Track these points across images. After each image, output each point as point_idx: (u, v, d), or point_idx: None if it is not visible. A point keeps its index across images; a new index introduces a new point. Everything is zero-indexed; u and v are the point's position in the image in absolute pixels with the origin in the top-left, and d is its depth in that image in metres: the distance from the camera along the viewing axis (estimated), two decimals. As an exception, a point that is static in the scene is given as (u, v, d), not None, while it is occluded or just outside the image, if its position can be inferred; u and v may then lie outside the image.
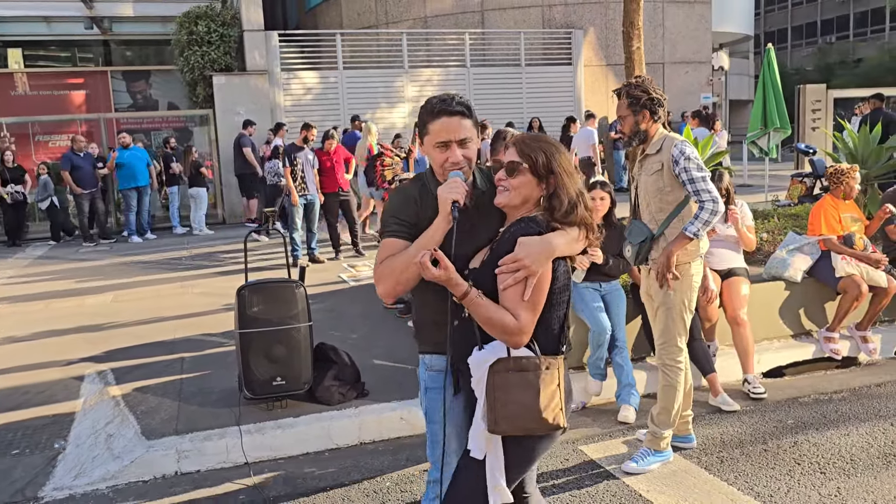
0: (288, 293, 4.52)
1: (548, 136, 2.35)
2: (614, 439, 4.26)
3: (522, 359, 2.14)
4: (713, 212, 3.60)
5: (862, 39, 51.36)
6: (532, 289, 2.13)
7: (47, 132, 15.85)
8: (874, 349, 5.58)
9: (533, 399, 2.10)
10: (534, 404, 2.10)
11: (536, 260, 2.13)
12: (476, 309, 2.14)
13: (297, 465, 4.10)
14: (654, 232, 3.76)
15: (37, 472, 4.03)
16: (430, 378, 2.45)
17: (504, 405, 2.11)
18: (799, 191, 10.89)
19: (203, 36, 14.34)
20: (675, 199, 3.72)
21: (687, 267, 3.73)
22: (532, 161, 2.21)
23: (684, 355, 3.84)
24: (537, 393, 2.10)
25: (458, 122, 2.32)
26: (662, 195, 3.74)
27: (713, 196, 3.60)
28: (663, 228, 3.74)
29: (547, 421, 2.11)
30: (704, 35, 17.92)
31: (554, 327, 2.23)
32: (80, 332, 6.62)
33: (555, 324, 2.24)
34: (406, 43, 15.40)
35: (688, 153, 3.64)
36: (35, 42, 18.15)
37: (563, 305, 2.26)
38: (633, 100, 3.71)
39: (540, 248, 2.14)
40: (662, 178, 3.71)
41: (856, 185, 5.68)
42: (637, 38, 7.05)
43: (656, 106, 3.72)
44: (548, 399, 2.11)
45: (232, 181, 13.87)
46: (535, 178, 2.21)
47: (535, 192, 2.23)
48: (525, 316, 2.13)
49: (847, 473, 3.74)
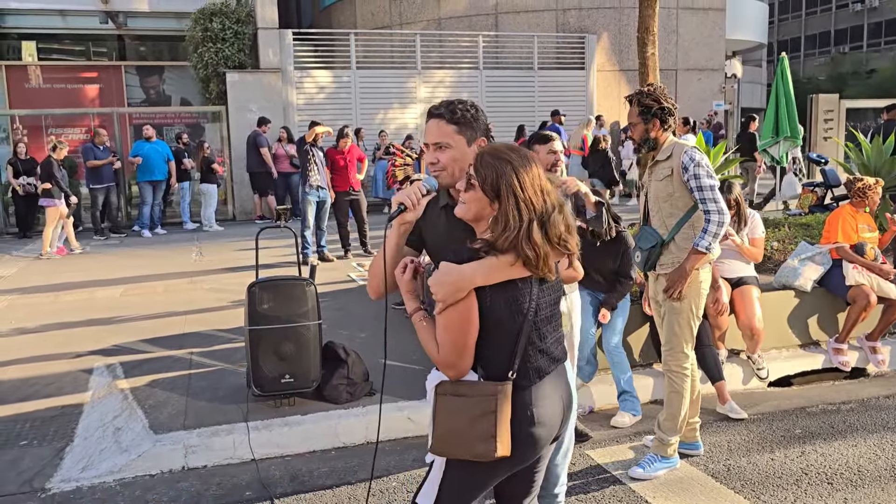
0: (298, 291, 4.53)
1: (518, 149, 2.13)
2: (621, 445, 4.26)
3: (462, 384, 2.07)
4: (720, 223, 3.60)
5: (875, 50, 51.14)
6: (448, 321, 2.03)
7: (60, 125, 15.97)
8: (883, 360, 5.55)
9: (465, 425, 2.02)
10: (465, 430, 2.02)
11: (445, 291, 2.01)
12: (417, 331, 2.13)
13: (304, 462, 4.11)
14: (665, 237, 3.76)
15: (45, 464, 4.05)
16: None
17: (439, 427, 2.07)
18: (810, 200, 10.84)
19: (217, 33, 14.40)
20: (684, 204, 3.72)
21: (696, 273, 3.72)
22: (482, 178, 2.06)
23: (691, 362, 3.84)
24: (470, 420, 2.02)
25: (435, 124, 2.30)
26: (672, 200, 3.74)
27: (719, 207, 3.59)
28: (673, 234, 3.74)
29: (474, 449, 2.02)
30: (718, 42, 17.88)
31: (501, 355, 2.08)
32: (89, 325, 6.66)
33: (502, 352, 2.08)
34: (419, 44, 15.42)
35: (697, 160, 3.64)
36: (49, 35, 18.28)
37: (513, 335, 2.06)
38: (644, 108, 3.72)
39: (449, 278, 2.02)
40: (672, 183, 3.72)
41: (878, 199, 5.69)
42: (652, 43, 7.05)
43: (667, 115, 3.73)
44: (483, 427, 2.01)
45: (244, 178, 13.92)
46: (485, 196, 2.06)
47: (486, 210, 2.07)
48: (444, 349, 2.05)
49: (854, 485, 3.73)
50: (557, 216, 2.07)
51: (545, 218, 2.05)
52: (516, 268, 2.04)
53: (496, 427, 2.00)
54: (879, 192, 5.70)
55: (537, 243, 2.02)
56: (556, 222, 2.06)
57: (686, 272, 3.66)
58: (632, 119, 3.81)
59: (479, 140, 2.32)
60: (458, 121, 2.29)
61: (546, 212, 2.05)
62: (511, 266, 2.03)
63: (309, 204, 9.34)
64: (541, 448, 2.14)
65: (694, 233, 3.71)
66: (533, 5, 16.84)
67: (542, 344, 2.13)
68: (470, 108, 2.33)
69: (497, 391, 2.03)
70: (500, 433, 2.01)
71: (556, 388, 2.19)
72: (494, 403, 2.01)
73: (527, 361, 2.10)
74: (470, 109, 2.32)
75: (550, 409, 2.14)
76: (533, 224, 2.02)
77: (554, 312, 2.20)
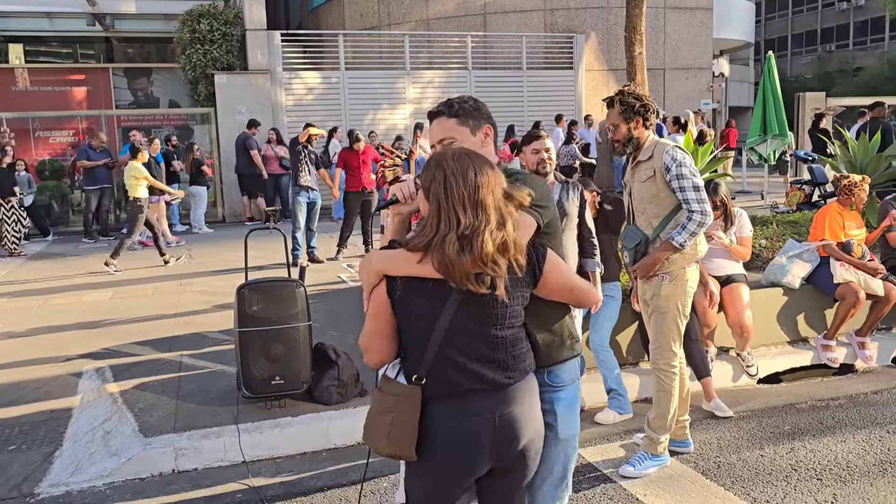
0: (288, 292, 4.52)
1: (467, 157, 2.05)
2: (612, 443, 4.27)
3: (384, 379, 2.13)
4: (700, 223, 3.61)
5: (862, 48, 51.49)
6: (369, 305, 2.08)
7: (48, 128, 15.85)
8: (871, 356, 5.60)
9: (374, 418, 2.11)
10: (372, 422, 2.11)
11: (362, 274, 2.09)
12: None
13: (295, 464, 4.10)
14: (650, 236, 3.78)
15: (34, 469, 4.02)
16: None
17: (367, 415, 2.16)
18: (798, 198, 10.92)
19: (205, 34, 14.35)
20: (669, 204, 3.72)
21: (682, 272, 3.74)
22: (422, 179, 2.06)
23: (679, 360, 3.85)
24: (378, 413, 2.09)
25: (437, 123, 2.34)
26: (657, 201, 3.75)
27: (703, 208, 3.61)
28: (658, 232, 3.75)
29: (375, 442, 2.09)
30: (705, 41, 17.96)
31: (415, 356, 2.06)
32: (78, 329, 6.62)
33: (413, 348, 2.07)
34: (408, 45, 15.42)
35: (679, 159, 3.64)
36: (36, 38, 18.16)
37: (424, 338, 2.03)
38: (626, 107, 3.72)
39: (363, 262, 2.10)
40: (655, 184, 3.72)
41: (865, 196, 5.72)
42: (639, 43, 7.08)
43: (648, 113, 3.75)
44: (382, 423, 2.06)
45: (233, 180, 13.88)
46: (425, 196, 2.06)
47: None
48: (362, 332, 2.10)
49: (843, 480, 3.76)
50: (489, 235, 1.96)
51: (469, 233, 1.95)
52: (425, 266, 1.99)
53: (391, 426, 2.04)
54: (866, 190, 5.74)
55: (449, 256, 1.94)
56: (485, 240, 1.95)
57: (656, 260, 3.68)
58: (613, 120, 3.80)
59: (485, 128, 2.33)
60: (457, 113, 2.32)
61: (473, 227, 1.96)
62: (418, 263, 2.00)
63: (299, 205, 9.32)
64: (457, 466, 2.05)
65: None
66: (521, 5, 16.87)
67: (460, 358, 2.03)
68: (468, 100, 2.36)
69: (399, 393, 2.05)
70: (394, 433, 2.03)
71: (481, 411, 2.04)
72: (395, 404, 2.05)
73: (441, 372, 2.04)
74: (468, 101, 2.35)
75: (460, 429, 2.03)
76: (449, 236, 1.95)
77: (486, 331, 2.06)
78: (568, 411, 2.33)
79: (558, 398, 2.30)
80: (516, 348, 2.12)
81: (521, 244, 2.05)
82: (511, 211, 2.04)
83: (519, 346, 2.13)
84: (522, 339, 2.16)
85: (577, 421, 2.38)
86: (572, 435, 2.36)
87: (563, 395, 2.31)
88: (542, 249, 2.18)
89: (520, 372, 2.11)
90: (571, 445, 2.38)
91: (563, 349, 2.32)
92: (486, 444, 2.05)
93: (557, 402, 2.30)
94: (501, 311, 2.07)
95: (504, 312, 2.07)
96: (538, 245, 2.19)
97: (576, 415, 2.37)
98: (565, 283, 2.22)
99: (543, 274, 2.15)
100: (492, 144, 2.37)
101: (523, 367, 2.13)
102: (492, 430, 2.05)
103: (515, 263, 2.04)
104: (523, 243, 2.07)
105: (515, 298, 2.10)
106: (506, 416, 2.06)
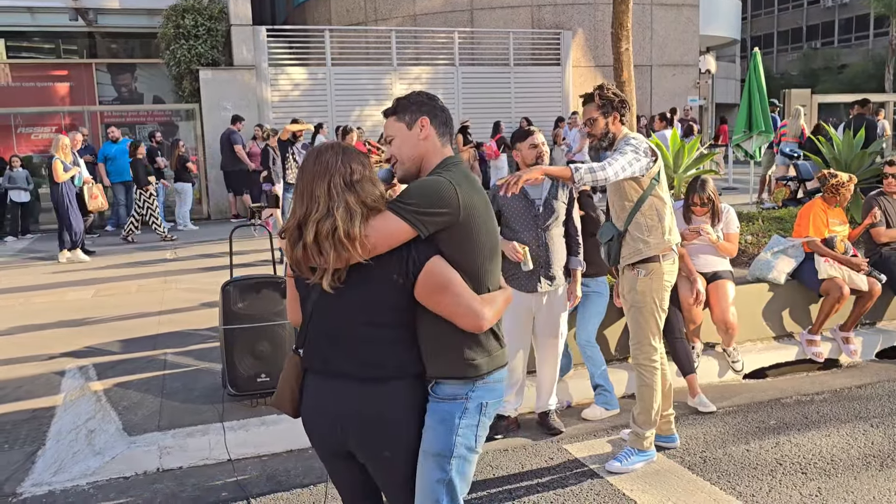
0: (273, 290, 4.49)
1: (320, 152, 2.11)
2: (599, 438, 4.27)
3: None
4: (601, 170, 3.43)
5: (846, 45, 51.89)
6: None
7: (30, 124, 15.69)
8: (855, 350, 5.63)
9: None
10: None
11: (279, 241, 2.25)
12: None
13: (281, 462, 4.08)
14: (620, 229, 3.79)
15: (16, 468, 3.98)
16: None
17: None
18: (783, 194, 10.98)
19: (190, 29, 14.22)
20: (632, 195, 3.73)
21: (657, 266, 3.74)
22: None
23: (659, 355, 3.86)
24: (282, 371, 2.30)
25: (386, 123, 2.34)
26: (620, 192, 3.77)
27: (615, 168, 3.46)
28: (626, 225, 3.76)
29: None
30: (692, 38, 18.03)
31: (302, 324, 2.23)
32: (60, 327, 6.55)
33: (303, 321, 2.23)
34: (395, 40, 15.37)
35: (632, 141, 3.63)
36: (18, 33, 17.95)
37: (304, 307, 2.21)
38: (605, 101, 3.74)
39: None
40: None
41: (850, 195, 5.75)
42: (626, 39, 7.07)
43: (625, 109, 3.78)
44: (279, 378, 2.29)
45: (218, 176, 13.78)
46: None
47: None
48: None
49: (828, 474, 3.78)
50: (313, 224, 2.01)
51: (301, 223, 2.05)
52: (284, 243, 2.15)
53: (280, 381, 2.27)
54: (852, 189, 5.77)
55: (287, 248, 2.08)
56: (308, 229, 2.02)
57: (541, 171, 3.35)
58: (591, 114, 3.79)
59: (421, 120, 2.24)
60: (396, 110, 2.30)
61: (304, 217, 2.04)
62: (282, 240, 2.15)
63: (287, 201, 9.30)
64: (316, 435, 2.21)
65: (645, 221, 3.71)
66: (508, 1, 16.86)
67: (321, 340, 2.16)
68: (410, 95, 2.31)
69: (289, 357, 2.27)
70: (279, 388, 2.27)
71: (326, 394, 2.14)
72: (285, 366, 2.26)
73: (310, 347, 2.20)
74: (410, 97, 2.30)
75: (312, 405, 2.20)
76: (290, 227, 2.08)
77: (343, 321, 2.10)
78: (439, 426, 2.14)
79: (432, 410, 2.16)
80: (370, 347, 2.10)
81: (356, 234, 1.99)
82: (350, 201, 2.02)
83: (374, 346, 2.10)
84: (384, 341, 2.11)
85: (447, 440, 2.15)
86: (437, 452, 2.14)
87: (437, 409, 2.15)
88: (421, 254, 2.07)
89: (368, 371, 2.10)
90: (438, 464, 2.15)
91: (450, 367, 2.15)
92: (325, 427, 2.18)
93: (431, 413, 2.16)
94: (356, 307, 2.09)
95: (359, 308, 2.09)
96: (418, 249, 2.07)
97: (449, 434, 2.15)
98: (443, 297, 2.08)
99: (417, 281, 2.07)
100: (433, 135, 2.26)
101: (374, 369, 2.10)
102: (330, 417, 2.15)
103: (351, 253, 1.99)
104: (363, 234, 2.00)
105: (371, 297, 2.07)
106: (346, 408, 2.12)
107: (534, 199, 4.14)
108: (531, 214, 4.12)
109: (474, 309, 2.10)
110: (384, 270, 2.06)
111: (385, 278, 2.07)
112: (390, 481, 2.23)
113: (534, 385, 4.49)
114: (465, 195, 2.12)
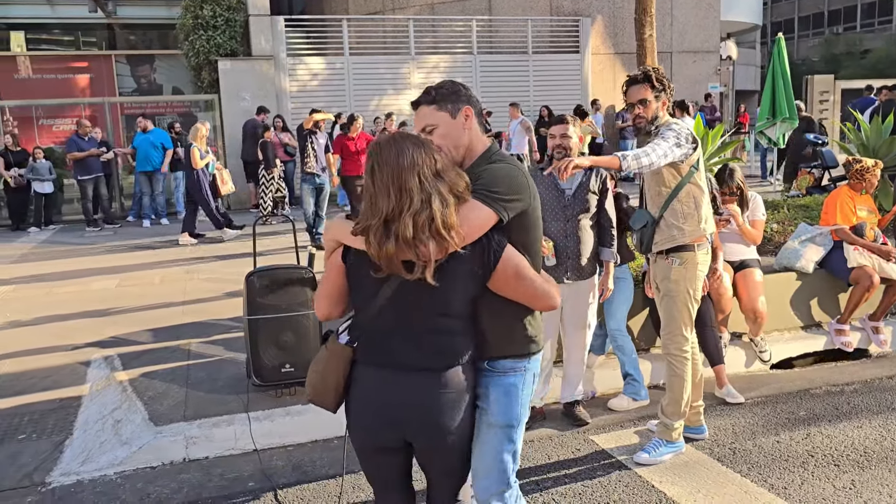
0: (297, 279, 4.48)
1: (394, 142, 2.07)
2: (626, 429, 4.23)
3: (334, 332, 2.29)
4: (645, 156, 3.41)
5: (869, 30, 51.06)
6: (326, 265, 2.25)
7: (51, 116, 15.81)
8: (885, 340, 5.54)
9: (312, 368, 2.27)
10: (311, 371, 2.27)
11: (325, 237, 2.26)
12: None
13: (307, 452, 4.07)
14: (655, 215, 3.72)
15: (44, 458, 4.01)
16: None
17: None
18: (807, 181, 10.81)
19: (209, 20, 14.23)
20: (670, 181, 3.66)
21: (692, 255, 3.68)
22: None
23: (690, 345, 3.81)
24: (315, 363, 2.26)
25: (418, 113, 2.32)
26: (658, 178, 3.70)
27: (657, 154, 3.43)
28: (662, 211, 3.70)
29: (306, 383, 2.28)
30: (713, 24, 17.78)
31: (356, 316, 2.22)
32: (84, 317, 6.60)
33: (357, 313, 2.22)
34: (413, 29, 15.30)
35: (673, 126, 3.58)
36: (38, 25, 18.07)
37: (364, 301, 2.15)
38: (659, 84, 3.66)
39: (328, 226, 2.29)
40: None
41: (876, 181, 5.64)
42: (649, 25, 6.98)
43: (671, 93, 3.73)
44: (311, 370, 2.26)
45: (238, 166, 13.80)
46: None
47: None
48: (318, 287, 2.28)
49: (861, 466, 3.71)
50: (410, 218, 1.98)
51: (391, 218, 2.00)
52: (358, 239, 2.08)
53: (318, 374, 2.22)
54: (878, 175, 5.65)
55: (375, 246, 2.01)
56: (405, 224, 1.97)
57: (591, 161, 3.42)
58: (644, 95, 3.66)
59: (465, 109, 2.27)
60: (434, 99, 2.28)
61: (395, 212, 1.99)
62: (355, 236, 2.10)
63: (305, 191, 9.29)
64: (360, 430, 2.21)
65: (682, 208, 3.65)
66: (526, -11, 16.72)
67: (388, 334, 2.13)
68: (445, 85, 2.32)
69: (332, 349, 2.21)
70: (317, 382, 2.22)
71: (386, 387, 2.14)
72: (327, 358, 2.21)
73: (371, 340, 2.17)
74: (445, 85, 2.31)
75: (364, 399, 2.18)
76: (375, 224, 2.01)
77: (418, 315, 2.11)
78: (504, 398, 2.25)
79: (495, 384, 2.25)
80: (443, 337, 2.13)
81: (453, 223, 2.00)
82: (442, 191, 2.02)
83: (447, 336, 2.13)
84: (456, 331, 2.14)
85: (513, 411, 2.27)
86: (506, 423, 2.25)
87: (501, 382, 2.25)
88: (499, 244, 2.12)
89: (440, 361, 2.13)
90: (507, 435, 2.27)
91: (514, 346, 2.26)
92: (381, 419, 2.17)
93: (494, 387, 2.25)
94: (438, 300, 2.09)
95: (440, 301, 2.09)
96: (496, 239, 2.12)
97: (513, 405, 2.26)
98: (521, 283, 2.15)
99: (496, 270, 2.11)
100: (474, 125, 2.30)
101: (445, 358, 2.14)
102: (390, 409, 2.15)
103: (450, 243, 1.99)
104: (458, 223, 2.01)
105: (454, 288, 2.08)
106: (413, 398, 2.13)
107: (563, 189, 4.08)
108: (560, 205, 4.06)
109: (547, 290, 2.21)
110: (466, 263, 2.08)
111: (467, 269, 2.09)
112: (446, 467, 2.27)
113: (559, 375, 4.45)
114: (531, 182, 2.24)
